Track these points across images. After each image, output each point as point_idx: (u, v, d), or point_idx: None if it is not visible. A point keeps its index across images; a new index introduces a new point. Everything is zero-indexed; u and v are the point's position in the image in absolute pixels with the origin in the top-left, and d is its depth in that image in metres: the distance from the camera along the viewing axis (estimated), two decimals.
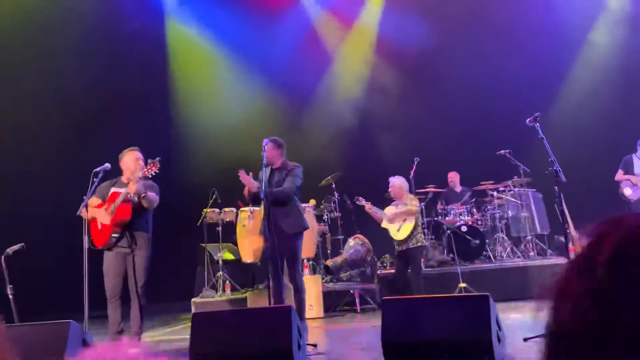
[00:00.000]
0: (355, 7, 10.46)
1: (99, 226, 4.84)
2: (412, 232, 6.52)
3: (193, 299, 7.48)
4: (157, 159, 4.97)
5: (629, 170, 8.00)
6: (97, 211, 4.83)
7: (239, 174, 5.40)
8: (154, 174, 4.85)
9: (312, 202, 8.02)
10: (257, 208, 7.70)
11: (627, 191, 7.94)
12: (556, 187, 5.01)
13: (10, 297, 4.78)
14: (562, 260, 6.90)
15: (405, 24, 9.70)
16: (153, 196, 4.96)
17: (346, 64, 10.24)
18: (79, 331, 3.89)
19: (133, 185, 4.78)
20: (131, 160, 5.04)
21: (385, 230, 6.70)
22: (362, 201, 6.86)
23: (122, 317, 4.91)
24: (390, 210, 6.71)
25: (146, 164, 4.95)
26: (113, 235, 4.83)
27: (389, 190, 6.81)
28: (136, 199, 4.83)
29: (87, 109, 9.15)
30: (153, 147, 8.90)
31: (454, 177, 8.77)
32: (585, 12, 9.60)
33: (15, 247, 5.28)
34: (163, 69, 10.09)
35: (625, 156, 8.10)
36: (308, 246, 7.05)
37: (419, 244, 6.57)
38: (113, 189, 4.92)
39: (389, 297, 4.20)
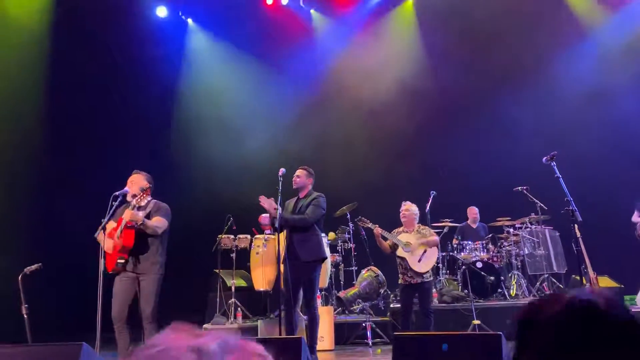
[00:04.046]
0: (376, 32, 10.61)
1: (110, 251, 4.89)
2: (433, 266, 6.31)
3: (204, 325, 7.46)
4: (148, 186, 5.02)
5: None
6: (105, 236, 4.86)
7: (260, 199, 5.47)
8: (146, 203, 4.89)
9: (332, 235, 8.02)
10: (271, 236, 7.75)
11: None
12: (574, 225, 4.98)
13: (25, 316, 4.84)
14: None
15: (426, 55, 9.81)
16: (154, 222, 4.94)
17: (364, 94, 10.33)
18: (91, 353, 3.91)
19: (128, 214, 4.78)
20: (132, 183, 5.08)
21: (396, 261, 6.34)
22: (367, 222, 6.31)
23: (134, 341, 4.91)
24: (407, 238, 6.19)
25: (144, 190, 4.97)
26: (119, 261, 4.85)
27: (403, 214, 6.33)
28: (138, 225, 4.84)
29: (107, 131, 9.36)
30: (172, 171, 9.13)
31: (474, 213, 8.71)
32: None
33: (33, 267, 5.37)
34: (184, 91, 10.31)
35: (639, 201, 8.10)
36: (322, 277, 7.02)
37: (431, 278, 6.28)
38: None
39: (401, 333, 4.17)
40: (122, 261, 4.87)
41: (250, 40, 10.11)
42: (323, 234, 6.44)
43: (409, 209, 6.35)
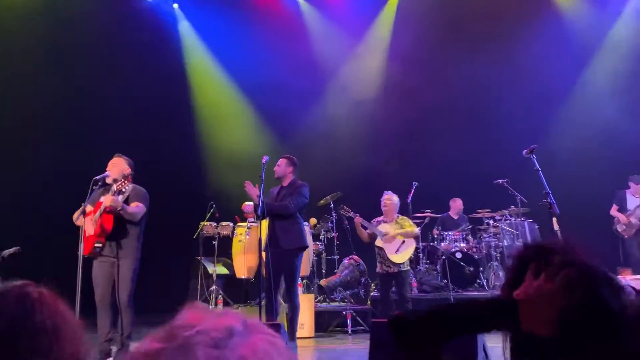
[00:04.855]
0: (362, 29, 10.62)
1: (86, 234, 4.86)
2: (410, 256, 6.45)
3: None
4: (130, 172, 5.01)
5: (622, 205, 8.20)
6: (86, 220, 4.82)
7: (246, 184, 5.47)
8: (125, 189, 4.87)
9: (313, 221, 8.06)
10: (254, 224, 7.77)
11: (620, 227, 8.13)
12: (554, 219, 5.06)
13: None
14: None
15: (410, 48, 9.85)
16: (133, 208, 4.91)
17: (349, 85, 10.35)
18: None
19: (108, 199, 4.76)
20: (109, 166, 5.05)
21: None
22: (349, 212, 6.46)
23: (113, 326, 4.91)
24: (386, 228, 6.32)
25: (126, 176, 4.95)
26: (96, 245, 4.83)
27: (385, 203, 6.42)
28: (116, 209, 4.82)
29: (88, 115, 9.25)
30: (155, 157, 9.06)
31: (459, 205, 8.81)
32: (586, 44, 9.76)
33: (11, 250, 5.33)
34: (179, 81, 10.22)
35: (618, 191, 8.27)
36: (303, 265, 7.06)
37: (408, 268, 6.44)
38: (101, 198, 4.91)
39: (379, 319, 4.22)
40: (99, 245, 4.85)
41: (235, 27, 10.03)
42: (305, 222, 6.48)
43: (390, 198, 6.43)
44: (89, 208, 4.86)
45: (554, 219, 5.08)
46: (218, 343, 0.63)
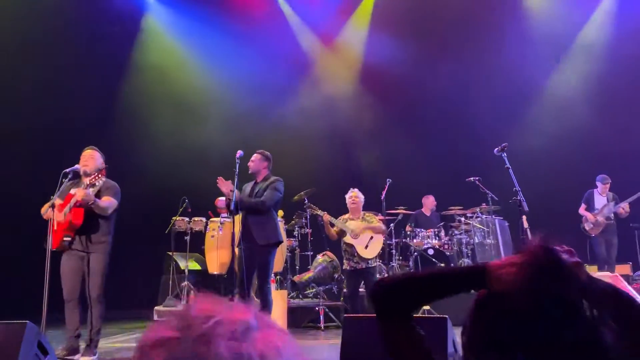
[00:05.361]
0: (337, 27, 10.64)
1: (55, 227, 4.76)
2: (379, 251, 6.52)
3: (156, 307, 7.39)
4: (104, 166, 4.94)
5: (590, 204, 8.42)
6: (55, 213, 4.72)
7: (218, 180, 5.42)
8: (98, 183, 4.78)
9: (280, 212, 8.04)
10: (227, 219, 7.72)
11: (588, 226, 8.35)
12: (523, 217, 5.15)
13: None
14: None
15: (385, 47, 9.92)
16: (105, 202, 4.83)
17: (324, 82, 10.36)
18: (36, 333, 3.82)
19: (80, 192, 4.66)
20: (85, 158, 4.96)
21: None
22: (316, 209, 6.48)
23: (81, 321, 4.82)
24: (354, 225, 6.33)
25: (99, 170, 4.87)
26: (64, 239, 4.74)
27: (353, 200, 6.44)
28: (88, 203, 4.73)
29: (56, 108, 9.04)
30: (126, 151, 8.91)
31: (432, 202, 8.91)
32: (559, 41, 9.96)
33: None
34: (150, 74, 10.05)
35: (587, 190, 8.49)
36: (277, 260, 7.05)
37: (376, 263, 6.51)
38: (72, 191, 4.81)
39: (351, 315, 4.24)
40: (68, 239, 4.76)
41: (209, 21, 9.93)
42: (280, 219, 6.48)
43: (358, 196, 6.50)
44: (58, 201, 4.76)
45: (524, 217, 5.18)
46: (238, 336, 0.63)
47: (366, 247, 6.28)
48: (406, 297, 1.24)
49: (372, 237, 6.32)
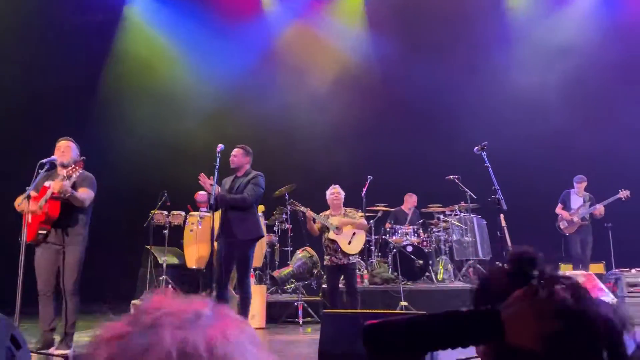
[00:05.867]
0: (321, 23, 10.62)
1: (29, 220, 4.67)
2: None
3: (133, 301, 7.31)
4: (82, 158, 4.86)
5: (566, 204, 8.58)
6: (30, 205, 4.60)
7: (200, 176, 5.37)
8: (76, 175, 4.70)
9: (261, 208, 8.02)
10: (207, 214, 7.67)
11: (563, 224, 8.50)
12: (501, 215, 5.21)
13: None
14: None
15: (369, 45, 9.94)
16: (82, 194, 4.76)
17: (306, 78, 10.34)
18: (9, 326, 3.75)
19: (57, 184, 4.58)
20: (61, 149, 4.87)
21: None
22: (298, 206, 6.44)
23: (56, 315, 4.75)
24: (336, 221, 6.31)
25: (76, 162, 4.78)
26: (40, 231, 4.67)
27: (335, 196, 6.42)
28: (65, 195, 4.65)
29: (33, 99, 8.88)
30: (105, 142, 8.79)
31: (413, 200, 8.96)
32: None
33: None
34: (130, 66, 9.92)
35: (564, 190, 8.64)
36: (256, 256, 7.04)
37: (356, 260, 6.52)
38: (47, 183, 4.73)
39: (329, 310, 4.26)
40: (44, 232, 4.68)
41: (192, 13, 9.83)
42: (260, 214, 6.45)
43: (339, 192, 6.48)
44: (33, 193, 4.67)
45: (502, 215, 5.24)
46: (185, 325, 0.62)
47: (349, 242, 6.26)
48: (404, 348, 1.06)
49: (354, 233, 6.30)
